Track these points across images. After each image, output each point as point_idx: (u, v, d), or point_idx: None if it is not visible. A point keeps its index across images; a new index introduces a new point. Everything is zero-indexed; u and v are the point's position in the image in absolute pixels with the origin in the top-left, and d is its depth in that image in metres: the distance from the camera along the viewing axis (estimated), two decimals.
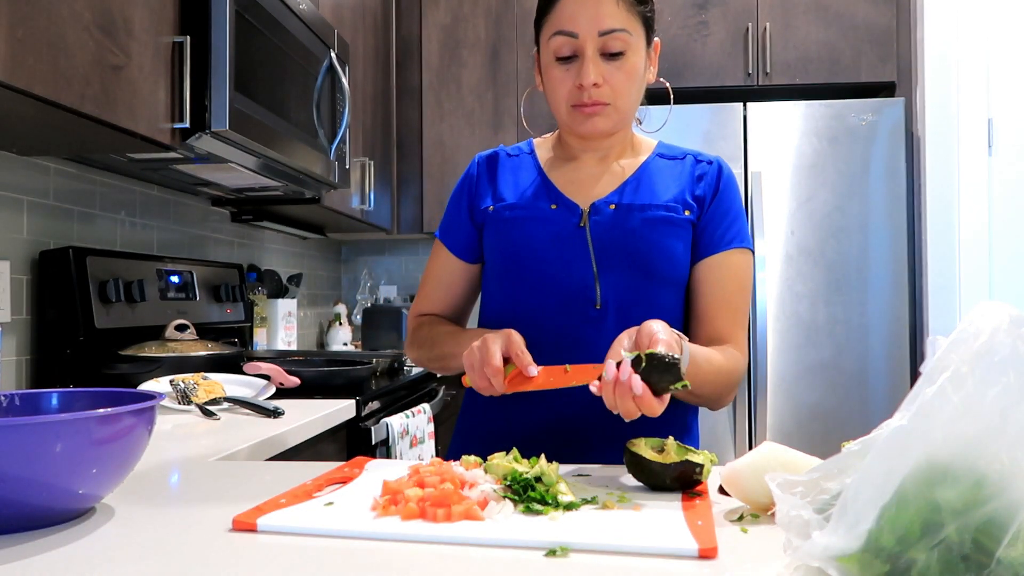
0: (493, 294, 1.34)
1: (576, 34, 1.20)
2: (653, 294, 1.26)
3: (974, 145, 3.07)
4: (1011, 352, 0.58)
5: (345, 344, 3.62)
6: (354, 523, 0.79)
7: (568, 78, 1.23)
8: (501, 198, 1.32)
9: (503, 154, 1.38)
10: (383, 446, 2.08)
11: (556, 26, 1.22)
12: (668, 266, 1.25)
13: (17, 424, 0.75)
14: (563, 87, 1.24)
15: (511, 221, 1.29)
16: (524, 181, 1.33)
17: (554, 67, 1.24)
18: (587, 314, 1.24)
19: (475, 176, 1.37)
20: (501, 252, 1.30)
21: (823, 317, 3.03)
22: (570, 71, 1.22)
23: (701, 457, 0.94)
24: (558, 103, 1.26)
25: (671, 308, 1.28)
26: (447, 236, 1.38)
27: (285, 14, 2.10)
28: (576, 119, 1.25)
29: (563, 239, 1.26)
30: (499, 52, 3.46)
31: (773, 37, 3.26)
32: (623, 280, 1.24)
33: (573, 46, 1.21)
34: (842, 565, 0.58)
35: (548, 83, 1.26)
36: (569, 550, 0.73)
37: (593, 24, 1.20)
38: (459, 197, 1.38)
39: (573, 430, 1.24)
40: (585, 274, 1.25)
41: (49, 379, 1.88)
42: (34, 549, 0.74)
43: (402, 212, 3.55)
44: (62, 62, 1.36)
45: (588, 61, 1.20)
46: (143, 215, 2.32)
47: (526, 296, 1.27)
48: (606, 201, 1.27)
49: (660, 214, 1.26)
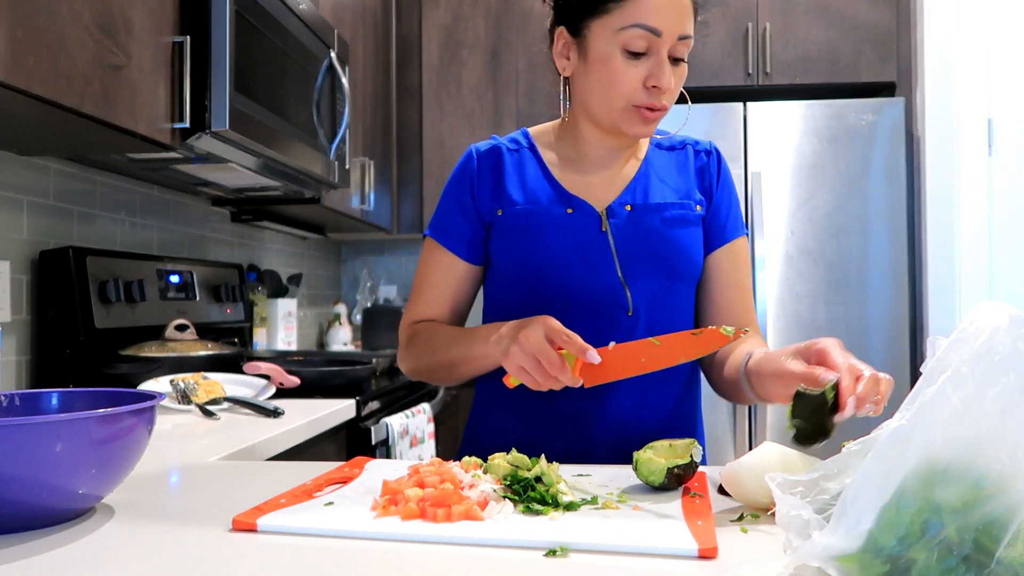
0: (504, 300, 1.27)
1: (660, 32, 1.13)
2: (676, 294, 1.26)
3: (974, 145, 3.07)
4: (1011, 352, 0.58)
5: (345, 344, 3.62)
6: (354, 523, 0.79)
7: (636, 75, 1.15)
8: (509, 200, 1.25)
9: (504, 149, 1.30)
10: (383, 446, 2.08)
11: (637, 17, 1.13)
12: (688, 264, 1.25)
13: (17, 424, 0.75)
14: (629, 83, 1.15)
15: (527, 228, 1.23)
16: (531, 181, 1.27)
17: (620, 59, 1.15)
18: (619, 321, 1.21)
19: (475, 171, 1.28)
20: (517, 259, 1.24)
21: (823, 317, 3.03)
22: (638, 68, 1.15)
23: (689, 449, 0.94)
24: (614, 98, 1.17)
25: (689, 306, 1.30)
26: (445, 236, 1.29)
27: (285, 14, 2.10)
28: (633, 119, 1.18)
29: (585, 245, 1.22)
30: (499, 52, 3.46)
31: (773, 37, 3.26)
32: (649, 283, 1.23)
33: (650, 43, 1.14)
34: (842, 565, 0.58)
35: (608, 74, 1.16)
36: (569, 550, 0.73)
37: (676, 25, 1.14)
38: (458, 193, 1.29)
39: (584, 436, 1.22)
40: (612, 280, 1.21)
41: (49, 379, 1.88)
42: (34, 549, 0.74)
43: (402, 212, 3.55)
44: (62, 62, 1.36)
45: (666, 63, 1.15)
46: (143, 215, 2.32)
47: (548, 306, 1.21)
48: (621, 202, 1.24)
49: (676, 213, 1.25)
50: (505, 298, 1.27)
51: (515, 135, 1.33)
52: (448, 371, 1.24)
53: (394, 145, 3.51)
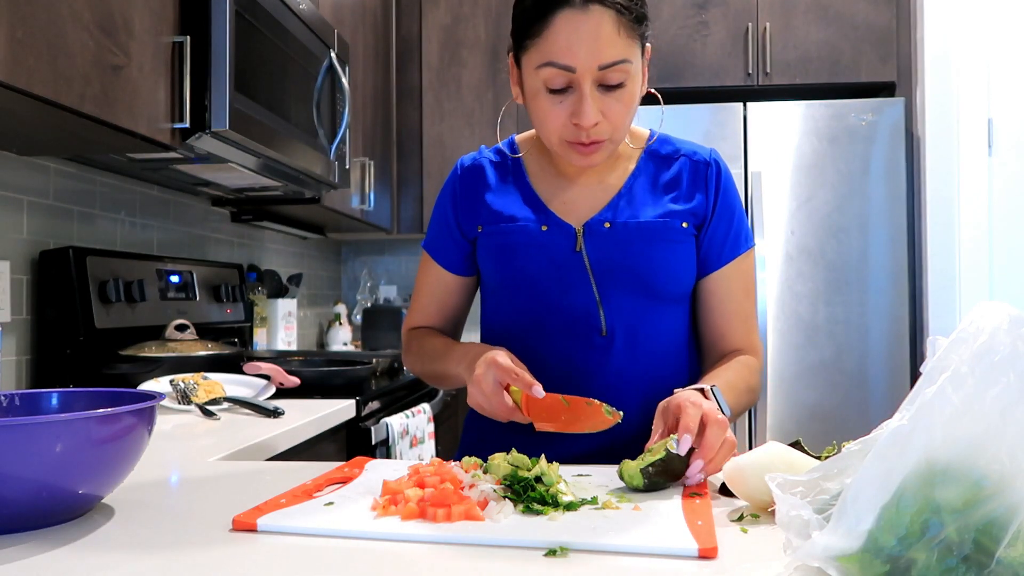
0: (494, 311, 1.29)
1: (573, 68, 1.07)
2: (658, 315, 1.22)
3: (974, 145, 3.07)
4: (1011, 352, 0.58)
5: (345, 344, 3.62)
6: (354, 523, 0.79)
7: (561, 112, 1.10)
8: (488, 217, 1.24)
9: (486, 162, 1.28)
10: (383, 446, 2.08)
11: (547, 56, 1.08)
12: (671, 283, 1.21)
13: (17, 424, 0.75)
14: (555, 121, 1.11)
15: (503, 246, 1.22)
16: (511, 197, 1.25)
17: (543, 97, 1.11)
18: (592, 341, 1.20)
19: (458, 188, 1.28)
20: (497, 275, 1.25)
21: (823, 317, 3.03)
22: (563, 104, 1.10)
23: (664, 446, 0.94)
24: (548, 135, 1.14)
25: (677, 327, 1.25)
26: (436, 250, 1.31)
27: (285, 14, 2.10)
28: (571, 154, 1.14)
29: (560, 264, 1.19)
30: (499, 52, 3.46)
31: (773, 37, 3.26)
32: (627, 303, 1.19)
33: (568, 79, 1.08)
34: (842, 565, 0.58)
35: (536, 113, 1.14)
36: (569, 550, 0.73)
37: (592, 58, 1.06)
38: (443, 209, 1.30)
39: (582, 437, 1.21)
40: (587, 300, 1.19)
41: (49, 379, 1.88)
42: (34, 549, 0.74)
43: (402, 212, 3.55)
44: (62, 62, 1.36)
45: (587, 99, 1.08)
46: (143, 215, 2.32)
47: (527, 322, 1.21)
48: (600, 219, 1.20)
49: (659, 230, 1.19)
50: (496, 310, 1.29)
51: (502, 145, 1.30)
52: (438, 381, 1.31)
53: (394, 145, 3.51)
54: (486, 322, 1.32)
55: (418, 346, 1.32)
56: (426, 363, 1.29)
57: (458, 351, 1.21)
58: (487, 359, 1.06)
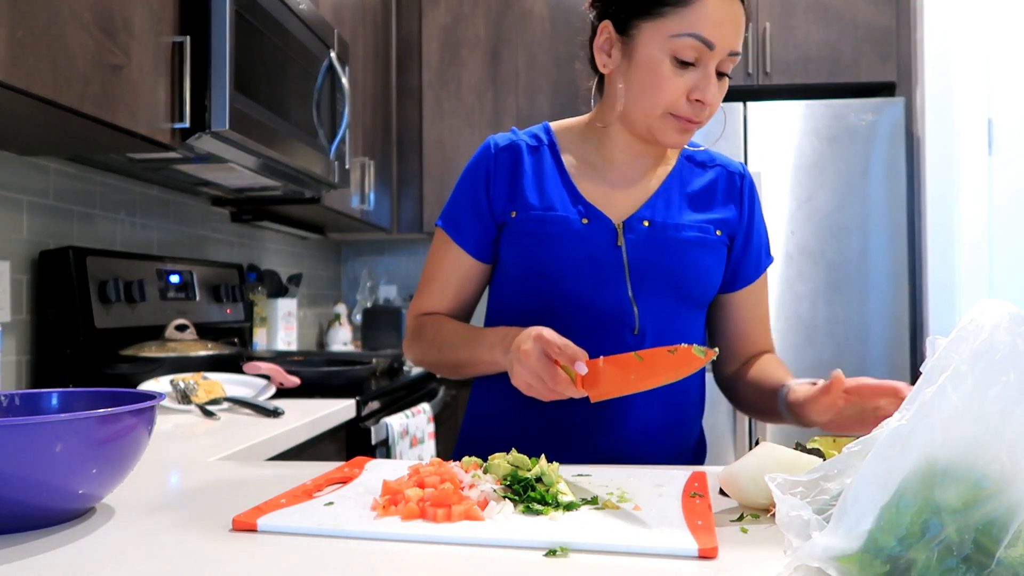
0: (508, 302, 1.25)
1: (714, 45, 1.10)
2: (686, 317, 1.23)
3: (974, 145, 3.07)
4: (1011, 350, 0.58)
5: (345, 344, 3.62)
6: (354, 523, 0.79)
7: (682, 84, 1.12)
8: (524, 203, 1.21)
9: (523, 146, 1.24)
10: (383, 446, 2.08)
11: (693, 27, 1.09)
12: (701, 288, 1.22)
13: (17, 424, 0.75)
14: (673, 92, 1.12)
15: (539, 235, 1.19)
16: (548, 184, 1.22)
17: (668, 66, 1.11)
18: (623, 339, 1.19)
19: (492, 167, 1.23)
20: (525, 265, 1.21)
21: (823, 317, 3.03)
22: (685, 77, 1.11)
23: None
24: (655, 105, 1.14)
25: (697, 330, 1.27)
26: (457, 231, 1.25)
27: (285, 14, 2.10)
28: (670, 129, 1.15)
29: (597, 259, 1.18)
30: (499, 52, 3.46)
31: (773, 37, 3.26)
32: (659, 303, 1.20)
33: (701, 54, 1.11)
34: (842, 565, 0.58)
35: (653, 80, 1.12)
36: (569, 550, 0.73)
37: (730, 40, 1.11)
38: (473, 187, 1.24)
39: (583, 436, 1.21)
40: (620, 297, 1.18)
41: (49, 379, 1.88)
42: (34, 549, 0.74)
43: (402, 212, 3.55)
44: (62, 62, 1.36)
45: (713, 77, 1.12)
46: (143, 215, 2.32)
47: (554, 316, 1.19)
48: (639, 217, 1.20)
49: (694, 235, 1.21)
50: (510, 302, 1.24)
51: (536, 130, 1.28)
52: (454, 370, 1.24)
53: (394, 145, 3.51)
54: (497, 314, 1.27)
55: (434, 332, 1.24)
56: (444, 351, 1.22)
57: (490, 335, 1.15)
58: (530, 334, 1.02)
